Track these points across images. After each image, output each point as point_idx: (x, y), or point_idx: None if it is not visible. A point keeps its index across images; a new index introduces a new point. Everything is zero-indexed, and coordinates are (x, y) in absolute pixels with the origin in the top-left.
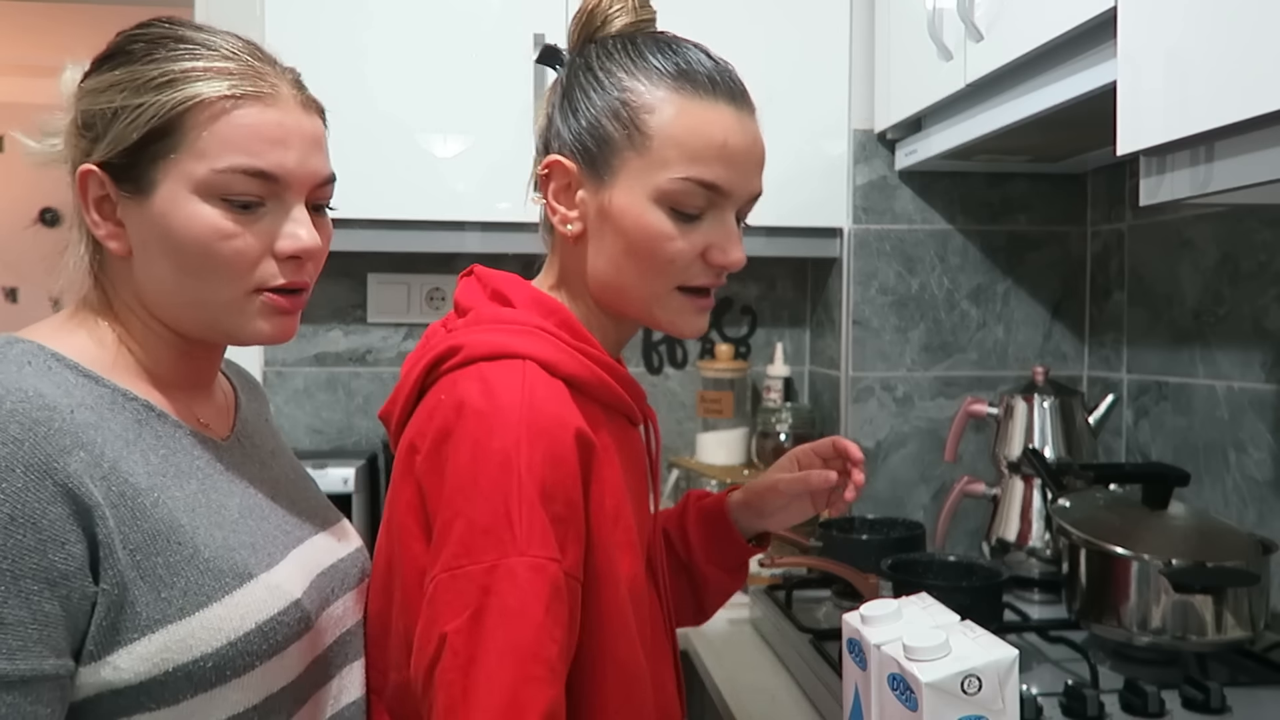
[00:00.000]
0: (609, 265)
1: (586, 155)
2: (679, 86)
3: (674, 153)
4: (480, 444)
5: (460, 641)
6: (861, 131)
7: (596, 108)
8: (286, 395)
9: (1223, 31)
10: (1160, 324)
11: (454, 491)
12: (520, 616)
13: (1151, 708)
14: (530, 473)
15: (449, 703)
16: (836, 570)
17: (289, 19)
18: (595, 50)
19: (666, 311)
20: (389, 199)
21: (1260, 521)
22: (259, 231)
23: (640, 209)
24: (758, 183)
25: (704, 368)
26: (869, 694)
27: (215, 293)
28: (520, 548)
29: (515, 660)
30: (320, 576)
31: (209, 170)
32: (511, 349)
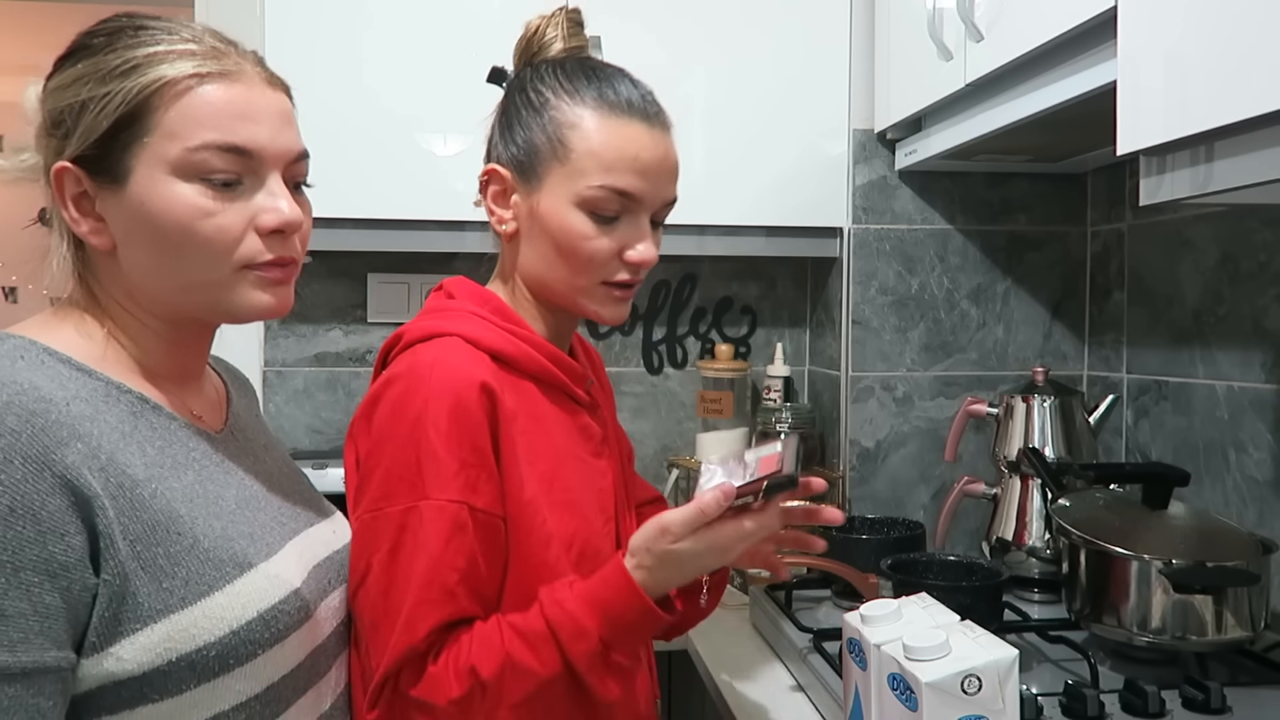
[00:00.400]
0: (540, 261)
1: (519, 165)
2: (598, 107)
3: (592, 163)
4: (398, 404)
5: (379, 570)
6: (861, 131)
7: (528, 123)
8: (286, 395)
9: (1223, 31)
10: (1160, 324)
11: (375, 445)
12: (424, 550)
13: (1151, 708)
14: (436, 426)
15: (372, 620)
16: (836, 570)
17: (289, 19)
18: (531, 73)
19: (591, 301)
20: (389, 199)
21: (1260, 521)
22: (239, 209)
23: (564, 212)
24: (670, 190)
25: (704, 368)
26: (869, 694)
27: (202, 272)
28: (427, 492)
29: (417, 585)
30: (318, 567)
31: (182, 149)
32: (440, 330)
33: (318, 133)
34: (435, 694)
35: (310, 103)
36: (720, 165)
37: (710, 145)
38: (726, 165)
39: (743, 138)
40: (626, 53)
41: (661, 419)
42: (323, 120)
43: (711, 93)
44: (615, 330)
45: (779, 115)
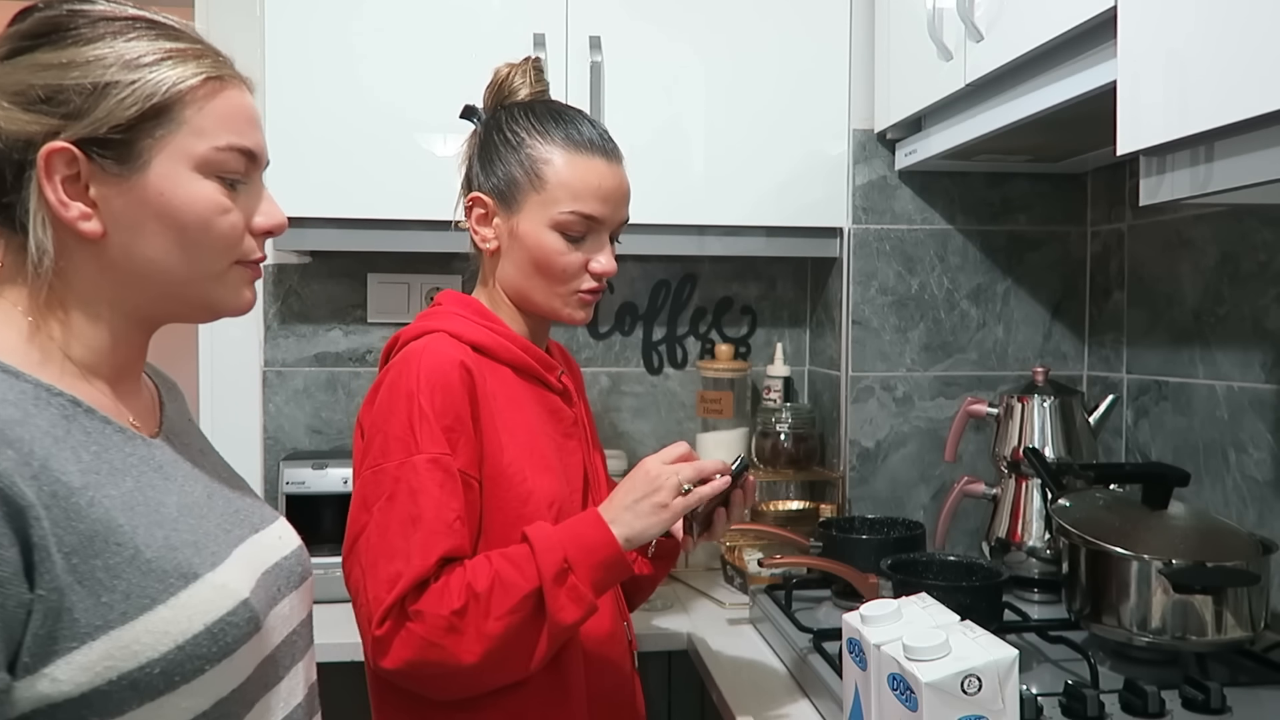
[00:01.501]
0: (518, 273)
1: (499, 193)
2: (566, 145)
3: (564, 193)
4: (394, 385)
5: (380, 515)
6: (861, 131)
7: (506, 159)
8: (286, 395)
9: (1223, 31)
10: (1160, 324)
11: (376, 419)
12: (424, 493)
13: (1151, 708)
14: (427, 399)
15: (372, 560)
16: (836, 570)
17: (289, 19)
18: (505, 115)
19: (565, 306)
20: (389, 199)
21: (1260, 521)
22: (241, 207)
23: (540, 233)
24: (625, 212)
25: (704, 368)
26: (869, 694)
27: (208, 265)
28: (421, 447)
29: (425, 521)
30: (266, 574)
31: (210, 148)
32: (429, 328)
33: (318, 133)
34: (439, 605)
35: (310, 103)
36: (720, 165)
37: (710, 145)
38: (726, 165)
39: (742, 138)
40: (627, 52)
41: (661, 419)
42: (323, 120)
43: (711, 93)
44: (615, 330)
45: (779, 115)
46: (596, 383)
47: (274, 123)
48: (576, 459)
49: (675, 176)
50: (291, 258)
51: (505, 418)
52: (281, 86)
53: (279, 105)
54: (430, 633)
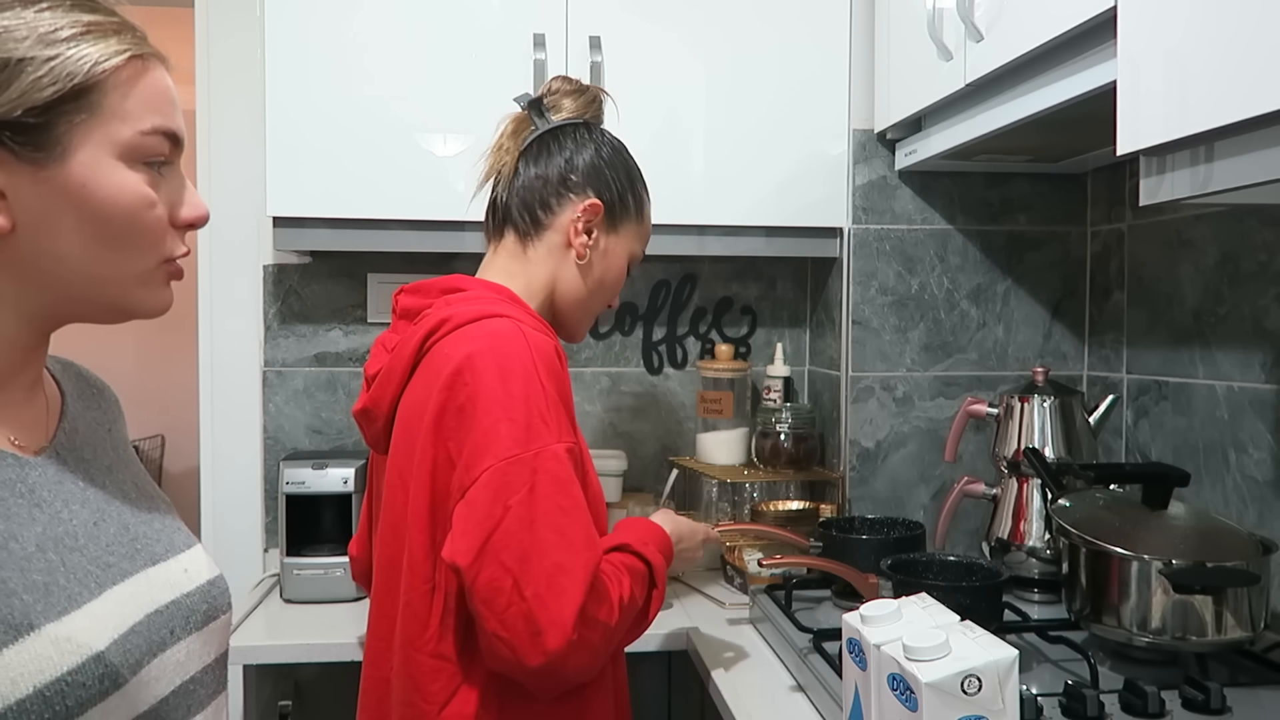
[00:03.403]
0: (583, 287)
1: (610, 210)
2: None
3: (643, 235)
4: (504, 368)
5: (521, 509)
6: (861, 131)
7: (621, 182)
8: (286, 395)
9: (1223, 31)
10: (1160, 324)
11: (490, 405)
12: (569, 483)
13: (1151, 708)
14: (548, 382)
15: (521, 554)
16: (836, 570)
17: (288, 19)
18: (611, 138)
19: (586, 327)
20: (389, 199)
21: (1260, 521)
22: (163, 199)
23: (620, 261)
24: None
25: (704, 368)
26: (869, 694)
27: (130, 264)
28: (557, 436)
29: (576, 512)
30: (151, 617)
31: (134, 132)
32: (490, 312)
33: (318, 133)
34: (609, 617)
35: (310, 103)
36: (720, 165)
37: (710, 146)
38: (726, 165)
39: (742, 138)
40: (627, 52)
41: (661, 419)
42: (323, 120)
43: (711, 93)
44: (615, 330)
45: (779, 115)
46: (597, 383)
47: (274, 123)
48: None
49: (675, 176)
50: (291, 258)
51: (567, 396)
52: (281, 86)
53: (278, 105)
54: (602, 643)
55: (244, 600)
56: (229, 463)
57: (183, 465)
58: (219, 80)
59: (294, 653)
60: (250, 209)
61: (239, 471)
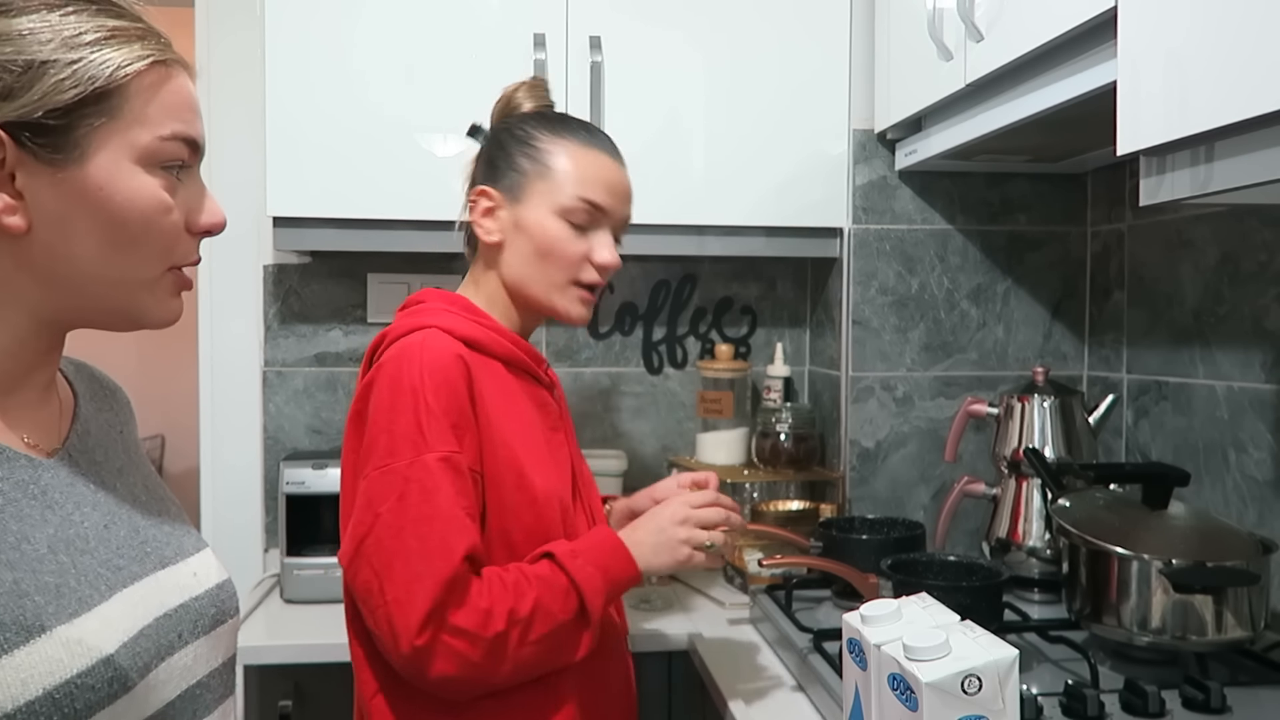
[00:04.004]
0: (521, 263)
1: (507, 186)
2: (575, 139)
3: (570, 181)
4: (395, 382)
5: (390, 516)
6: (861, 131)
7: (514, 153)
8: (286, 395)
9: (1223, 32)
10: (1160, 324)
11: (377, 416)
12: (437, 491)
13: (1151, 708)
14: (433, 395)
15: (386, 561)
16: (836, 570)
17: (288, 19)
18: (513, 121)
19: (563, 299)
20: (389, 199)
21: (1260, 521)
22: (181, 205)
23: (545, 220)
24: (629, 210)
25: (704, 368)
26: (869, 694)
27: (140, 269)
28: (430, 446)
29: (441, 520)
30: (160, 620)
31: (154, 138)
32: (419, 324)
33: (318, 133)
34: (484, 627)
35: (310, 103)
36: (720, 166)
37: (710, 145)
38: (726, 166)
39: (742, 138)
40: (627, 52)
41: (661, 419)
42: (323, 120)
43: (711, 93)
44: (615, 330)
45: (779, 115)
46: (597, 383)
47: (274, 123)
48: (564, 452)
49: (675, 176)
50: (291, 258)
51: (500, 412)
52: (281, 86)
53: (279, 105)
54: (473, 653)
55: (244, 600)
56: (229, 463)
57: (183, 465)
58: (219, 80)
59: (294, 653)
60: (250, 209)
61: (239, 471)
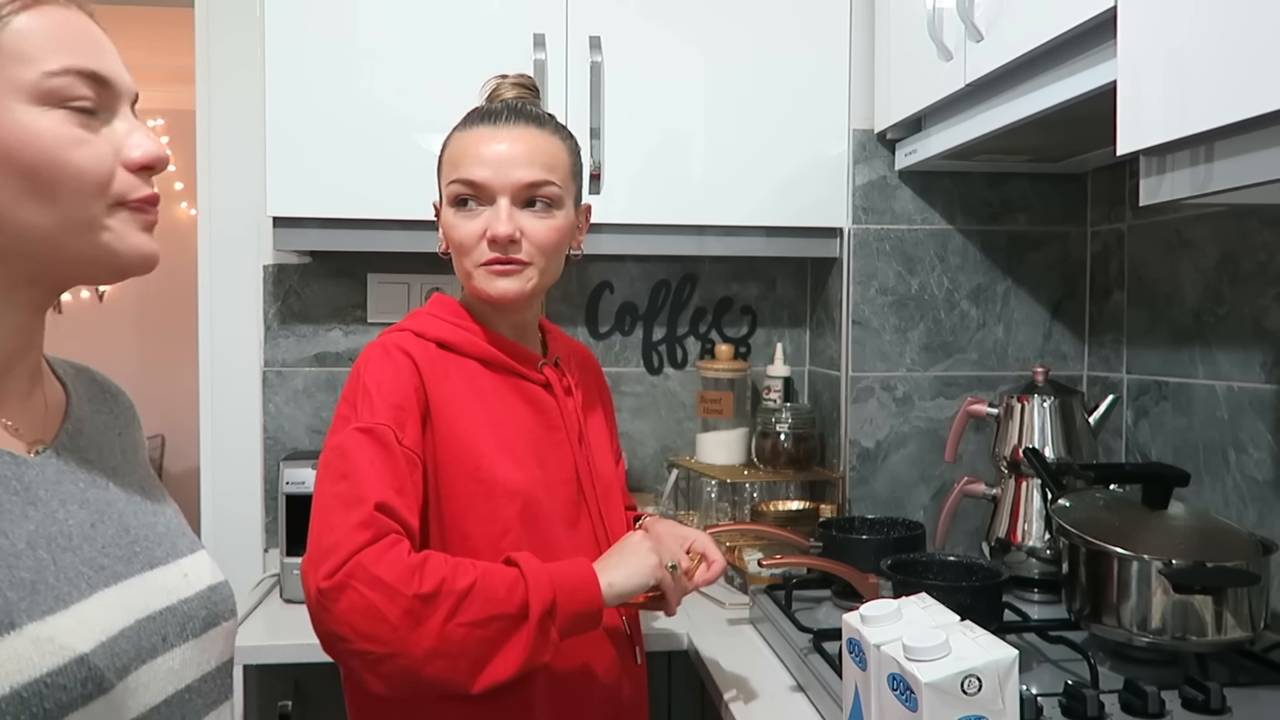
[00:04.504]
0: (455, 264)
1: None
2: (457, 127)
3: (448, 168)
4: (350, 378)
5: (320, 485)
6: (861, 131)
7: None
8: (286, 395)
9: (1223, 32)
10: (1160, 324)
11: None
12: (355, 454)
13: (1151, 708)
14: (372, 380)
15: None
16: (836, 570)
17: (288, 19)
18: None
19: (481, 284)
20: (389, 199)
21: (1260, 521)
22: (104, 139)
23: (444, 214)
24: (519, 173)
25: (704, 368)
26: (869, 694)
27: (76, 209)
28: (359, 422)
29: (352, 478)
30: (144, 621)
31: (40, 73)
32: (398, 327)
33: (318, 133)
34: (406, 584)
35: (310, 103)
36: (720, 166)
37: (710, 146)
38: (726, 166)
39: (742, 138)
40: (627, 53)
41: (661, 419)
42: (323, 120)
43: (711, 93)
44: (615, 330)
45: (779, 116)
46: None
47: (274, 123)
48: (564, 452)
49: (675, 176)
50: (291, 258)
51: (464, 406)
52: (281, 86)
53: (279, 105)
54: (390, 609)
55: (244, 600)
56: (229, 463)
57: (183, 465)
58: (219, 80)
59: (294, 653)
60: (250, 209)
61: (239, 471)
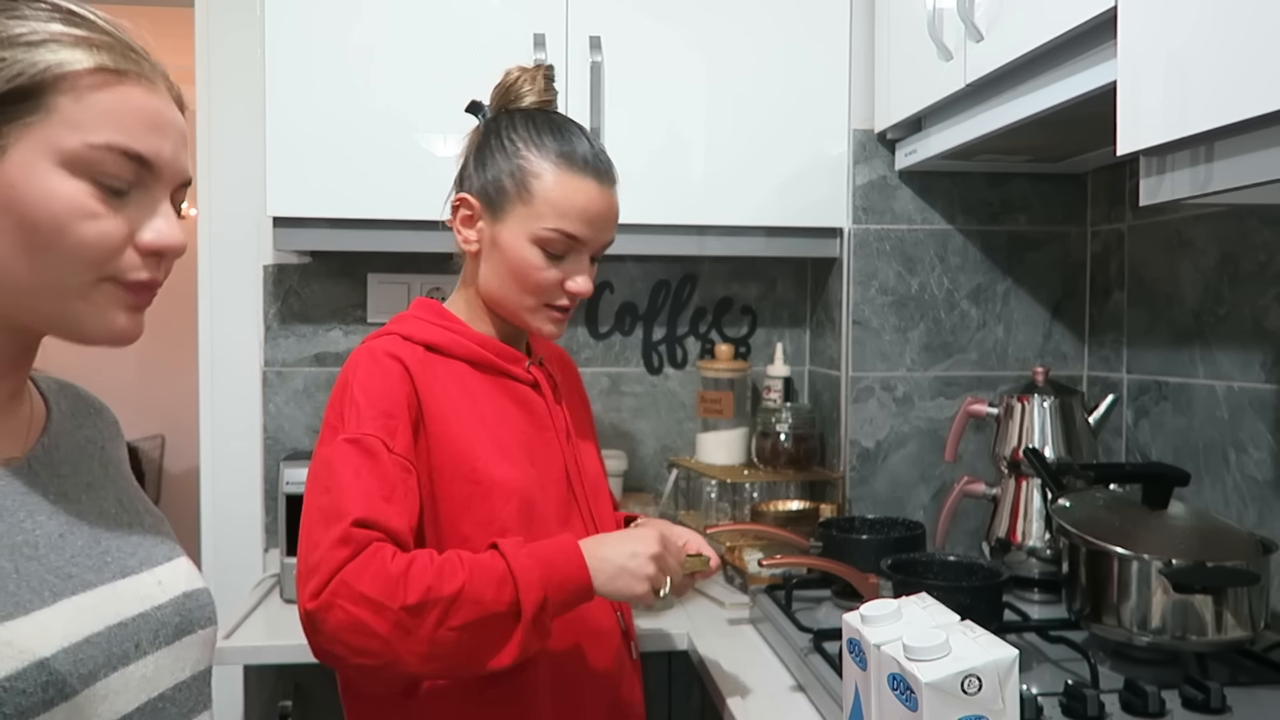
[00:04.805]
0: (495, 279)
1: (487, 198)
2: (559, 161)
3: (549, 209)
4: (337, 384)
5: (308, 496)
6: (861, 131)
7: (499, 165)
8: (286, 395)
9: (1223, 32)
10: (1160, 324)
11: (325, 414)
12: (340, 467)
13: (1151, 708)
14: (360, 388)
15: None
16: (836, 570)
17: (288, 19)
18: (505, 120)
19: (534, 319)
20: (389, 199)
21: (1260, 521)
22: (123, 219)
23: (521, 245)
24: (609, 235)
25: (704, 368)
26: (869, 694)
27: (61, 276)
28: (346, 432)
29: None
30: (114, 629)
31: (82, 143)
32: (385, 331)
33: (318, 133)
34: (390, 596)
35: (310, 103)
36: (720, 166)
37: (710, 146)
38: (726, 166)
39: (743, 138)
40: (627, 53)
41: (661, 419)
42: (323, 120)
43: (711, 93)
44: (615, 330)
45: (779, 116)
46: (597, 383)
47: (274, 123)
48: (553, 450)
49: (675, 176)
50: (291, 258)
51: (456, 408)
52: (281, 86)
53: (279, 105)
54: (378, 624)
55: (244, 600)
56: (229, 463)
57: (183, 465)
58: (219, 80)
59: (294, 653)
60: (250, 209)
61: (239, 471)
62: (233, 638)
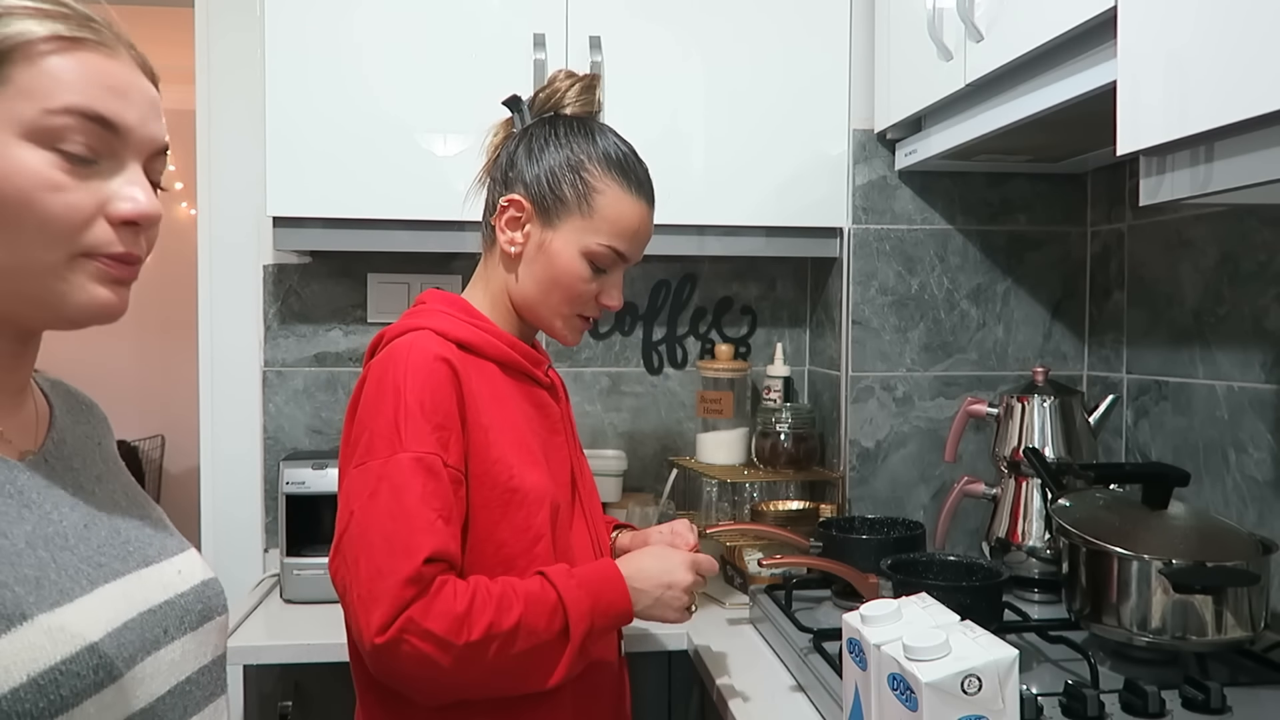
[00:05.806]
0: (534, 285)
1: (541, 203)
2: (623, 182)
3: (606, 226)
4: (380, 382)
5: (360, 513)
6: (861, 131)
7: (560, 173)
8: (286, 395)
9: (1223, 32)
10: (1160, 324)
11: (362, 415)
12: (406, 490)
13: (1151, 708)
14: (414, 396)
15: (353, 556)
16: (836, 570)
17: (288, 19)
18: (564, 125)
19: (565, 327)
20: (389, 199)
21: (1260, 521)
22: (92, 189)
23: (572, 256)
24: (642, 255)
25: (704, 368)
26: (869, 694)
27: (34, 253)
28: (405, 446)
29: (404, 519)
30: (145, 615)
31: (39, 110)
32: (413, 325)
33: (317, 133)
34: (456, 634)
35: (310, 103)
36: (720, 165)
37: (710, 146)
38: (726, 165)
39: (743, 138)
40: (627, 52)
41: (661, 419)
42: (322, 120)
43: (711, 93)
44: (615, 330)
45: (779, 115)
46: (597, 383)
47: (274, 123)
48: (563, 454)
49: (675, 176)
50: (291, 258)
51: (491, 414)
52: (281, 86)
53: (278, 105)
54: (442, 658)
55: (244, 600)
56: (229, 463)
57: (183, 465)
58: (219, 80)
59: (294, 653)
60: (250, 209)
61: (239, 471)
62: (233, 637)
